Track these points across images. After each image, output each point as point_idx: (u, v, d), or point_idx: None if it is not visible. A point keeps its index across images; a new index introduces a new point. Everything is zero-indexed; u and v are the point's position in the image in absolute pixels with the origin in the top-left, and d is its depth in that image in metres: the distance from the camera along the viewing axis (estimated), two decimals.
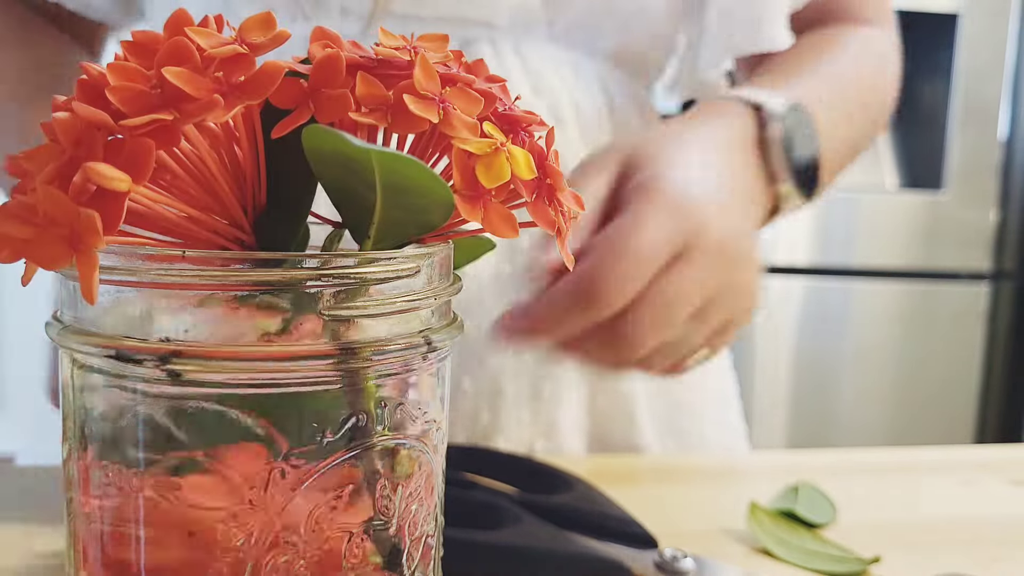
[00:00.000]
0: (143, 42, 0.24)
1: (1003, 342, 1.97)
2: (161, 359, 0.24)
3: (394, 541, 0.28)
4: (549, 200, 0.26)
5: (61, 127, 0.23)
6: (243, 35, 0.24)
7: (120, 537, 0.26)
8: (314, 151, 0.25)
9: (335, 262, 0.25)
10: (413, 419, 0.28)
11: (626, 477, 0.57)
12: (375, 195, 0.26)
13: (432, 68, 0.26)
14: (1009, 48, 1.86)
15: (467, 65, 0.28)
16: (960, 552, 0.47)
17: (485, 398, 0.60)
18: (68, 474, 0.28)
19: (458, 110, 0.25)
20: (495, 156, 0.25)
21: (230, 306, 0.25)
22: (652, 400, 0.66)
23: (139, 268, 0.24)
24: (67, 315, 0.27)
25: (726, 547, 0.45)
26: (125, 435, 0.26)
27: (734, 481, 0.57)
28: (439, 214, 0.26)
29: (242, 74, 0.24)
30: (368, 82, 0.25)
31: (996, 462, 0.62)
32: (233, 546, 0.25)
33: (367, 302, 0.26)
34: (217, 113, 0.23)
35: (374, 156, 0.24)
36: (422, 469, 0.29)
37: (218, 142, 0.26)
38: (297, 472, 0.25)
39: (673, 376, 0.50)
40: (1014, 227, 1.94)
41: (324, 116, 0.25)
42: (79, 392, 0.27)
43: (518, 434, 0.61)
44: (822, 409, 1.90)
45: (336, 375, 0.26)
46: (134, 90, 0.23)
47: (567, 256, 0.27)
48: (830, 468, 0.60)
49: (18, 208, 0.22)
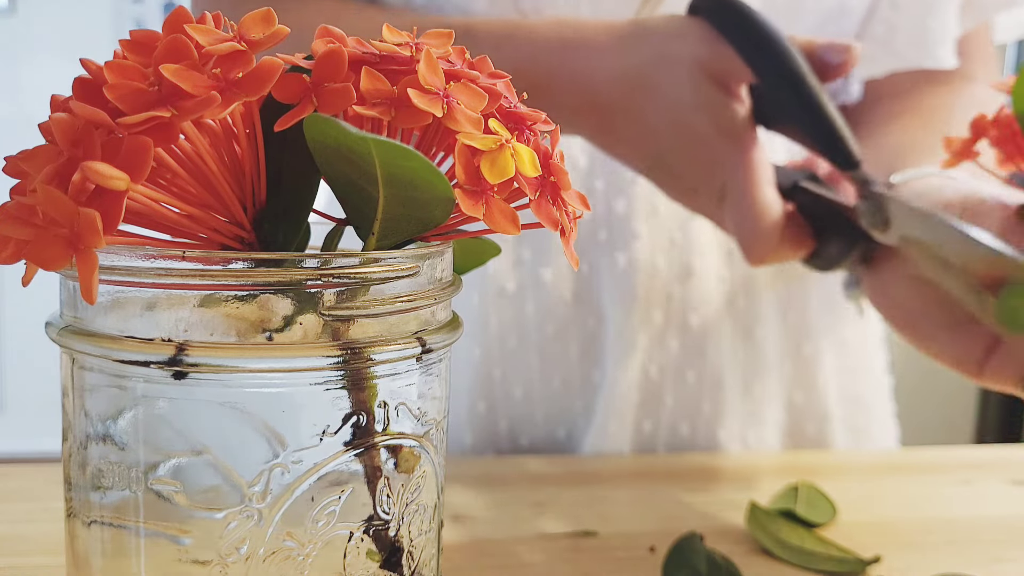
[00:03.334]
0: (142, 40, 0.24)
1: None
2: (162, 359, 0.24)
3: (394, 541, 0.28)
4: (553, 199, 0.26)
5: (59, 127, 0.23)
6: (242, 32, 0.24)
7: (120, 536, 0.26)
8: (316, 144, 0.25)
9: (336, 262, 0.25)
10: (414, 419, 0.28)
11: (628, 476, 0.57)
12: (377, 190, 0.26)
13: (436, 63, 0.25)
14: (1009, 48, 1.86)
15: (470, 62, 0.28)
16: (960, 552, 0.46)
17: (707, 389, 0.65)
18: (68, 474, 0.28)
19: (462, 105, 0.25)
20: (500, 152, 0.25)
21: (231, 305, 0.25)
22: (840, 397, 0.69)
23: (139, 268, 0.24)
24: (67, 315, 0.27)
25: (726, 547, 0.45)
26: (125, 435, 0.26)
27: (734, 481, 0.57)
28: (440, 209, 0.26)
29: (240, 70, 0.24)
30: (372, 76, 0.25)
31: (996, 462, 0.62)
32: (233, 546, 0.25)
33: (368, 301, 0.26)
34: (215, 109, 0.23)
35: (373, 145, 0.24)
36: (422, 469, 0.28)
37: (218, 140, 0.26)
38: (297, 472, 0.25)
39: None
40: None
41: (327, 109, 0.25)
42: (79, 392, 0.27)
43: (733, 424, 0.66)
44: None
45: (337, 375, 0.26)
46: (132, 88, 0.23)
47: (571, 257, 0.27)
48: (830, 468, 0.60)
49: (18, 209, 0.22)
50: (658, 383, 0.65)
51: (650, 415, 0.65)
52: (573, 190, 0.27)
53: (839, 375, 0.69)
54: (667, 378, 0.65)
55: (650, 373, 0.64)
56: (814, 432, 0.68)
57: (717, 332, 0.65)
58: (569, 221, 0.27)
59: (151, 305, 0.25)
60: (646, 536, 0.46)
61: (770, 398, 0.67)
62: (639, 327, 0.63)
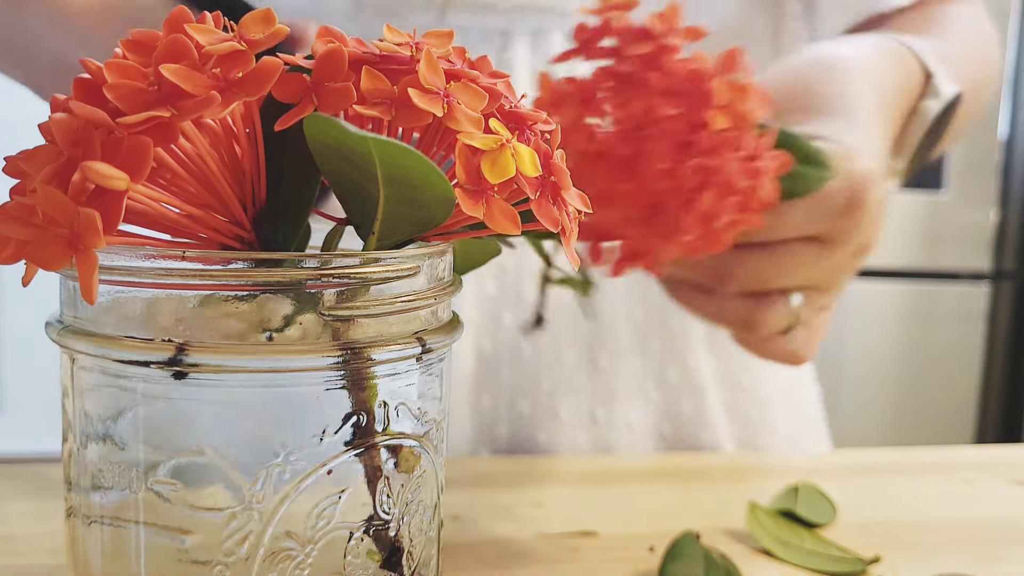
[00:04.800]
0: (142, 40, 0.24)
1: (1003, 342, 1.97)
2: (162, 359, 0.24)
3: (394, 541, 0.28)
4: (554, 199, 0.26)
5: (58, 127, 0.23)
6: (242, 32, 0.24)
7: (120, 536, 0.26)
8: (316, 143, 0.25)
9: (336, 262, 0.25)
10: (413, 419, 0.28)
11: (628, 476, 0.57)
12: (378, 190, 0.26)
13: (436, 63, 0.25)
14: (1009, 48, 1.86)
15: (471, 61, 0.28)
16: (960, 552, 0.46)
17: (545, 366, 0.62)
18: (68, 474, 0.28)
19: (463, 104, 0.25)
20: (500, 152, 0.25)
21: (231, 305, 0.25)
22: (720, 380, 0.66)
23: (139, 268, 0.24)
24: (67, 315, 0.27)
25: (726, 547, 0.45)
26: (125, 435, 0.26)
27: (734, 481, 0.57)
28: (440, 209, 0.26)
29: (240, 70, 0.24)
30: (373, 76, 0.25)
31: (996, 462, 0.62)
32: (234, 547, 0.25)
33: (368, 301, 0.26)
34: (214, 109, 0.23)
35: (372, 144, 0.24)
36: (422, 469, 0.28)
37: (218, 140, 0.26)
38: (297, 472, 0.25)
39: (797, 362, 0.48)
40: (1014, 227, 1.94)
41: (327, 109, 0.25)
42: (79, 392, 0.27)
43: (576, 401, 0.62)
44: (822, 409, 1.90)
45: (337, 375, 0.26)
46: (132, 87, 0.23)
47: (572, 257, 0.27)
48: (830, 468, 0.60)
49: (17, 209, 0.22)
50: (493, 358, 0.62)
51: (488, 390, 0.62)
52: (574, 190, 0.27)
53: (710, 351, 0.66)
54: (503, 353, 0.62)
55: (484, 348, 0.62)
56: (692, 412, 0.65)
57: (554, 306, 0.61)
58: (569, 221, 0.27)
59: (151, 305, 0.25)
60: (646, 536, 0.46)
61: (632, 374, 0.64)
62: (472, 301, 0.61)
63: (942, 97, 0.52)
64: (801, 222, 0.42)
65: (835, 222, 0.43)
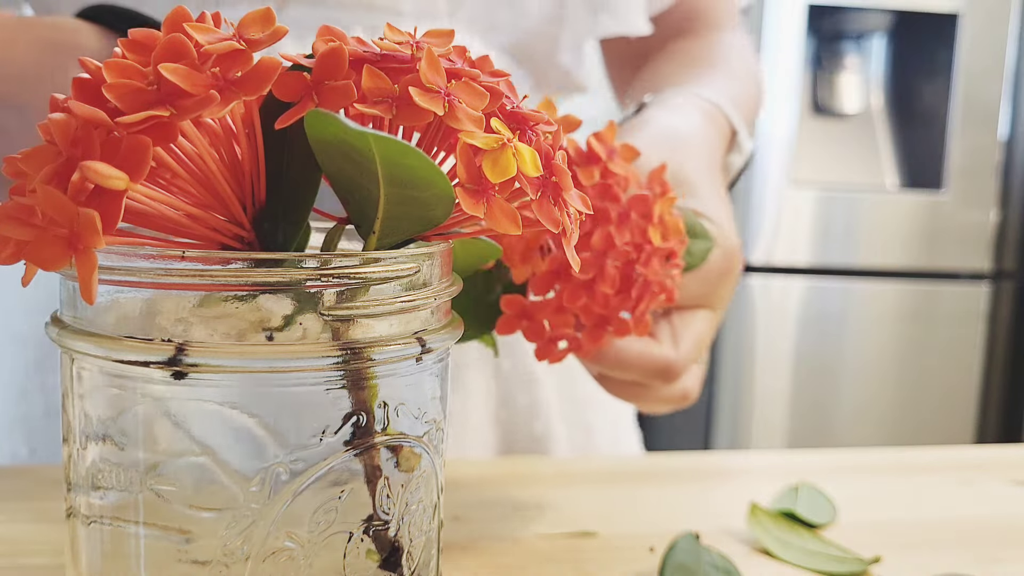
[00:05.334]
0: (141, 39, 0.24)
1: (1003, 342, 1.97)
2: (162, 359, 0.24)
3: (394, 541, 0.28)
4: (555, 199, 0.26)
5: (57, 127, 0.23)
6: (241, 31, 0.24)
7: (120, 537, 0.26)
8: (317, 140, 0.25)
9: (336, 262, 0.25)
10: (413, 419, 0.28)
11: (628, 476, 0.57)
12: (378, 189, 0.25)
13: (438, 62, 0.25)
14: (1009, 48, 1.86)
15: (471, 61, 0.28)
16: (960, 552, 0.46)
17: None
18: (68, 474, 0.28)
19: (463, 104, 0.25)
20: (502, 152, 0.25)
21: (230, 305, 0.25)
22: (555, 383, 0.66)
23: (139, 268, 0.24)
24: (67, 315, 0.27)
25: (726, 547, 0.45)
26: (125, 435, 0.26)
27: (734, 481, 0.57)
28: (441, 208, 0.26)
29: (239, 70, 0.24)
30: (374, 75, 0.25)
31: (996, 462, 0.62)
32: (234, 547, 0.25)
33: (368, 302, 0.26)
34: (214, 108, 0.22)
35: (373, 141, 0.24)
36: (422, 469, 0.28)
37: (217, 140, 0.26)
38: (297, 472, 0.25)
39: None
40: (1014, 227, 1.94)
41: (327, 107, 0.25)
42: (79, 392, 0.27)
43: None
44: (822, 409, 1.90)
45: (337, 375, 0.26)
46: (131, 87, 0.23)
47: (573, 258, 0.27)
48: (830, 468, 0.60)
49: (17, 209, 0.22)
50: None
51: None
52: (574, 190, 0.27)
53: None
54: None
55: None
56: (527, 402, 0.65)
57: None
58: (570, 222, 0.27)
59: (151, 305, 0.25)
60: (646, 536, 0.46)
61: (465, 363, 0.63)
62: None
63: (744, 153, 0.58)
64: (695, 293, 0.46)
65: (716, 289, 0.47)
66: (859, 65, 1.93)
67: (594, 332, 0.41)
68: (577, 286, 0.39)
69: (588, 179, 0.39)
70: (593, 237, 0.39)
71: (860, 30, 1.93)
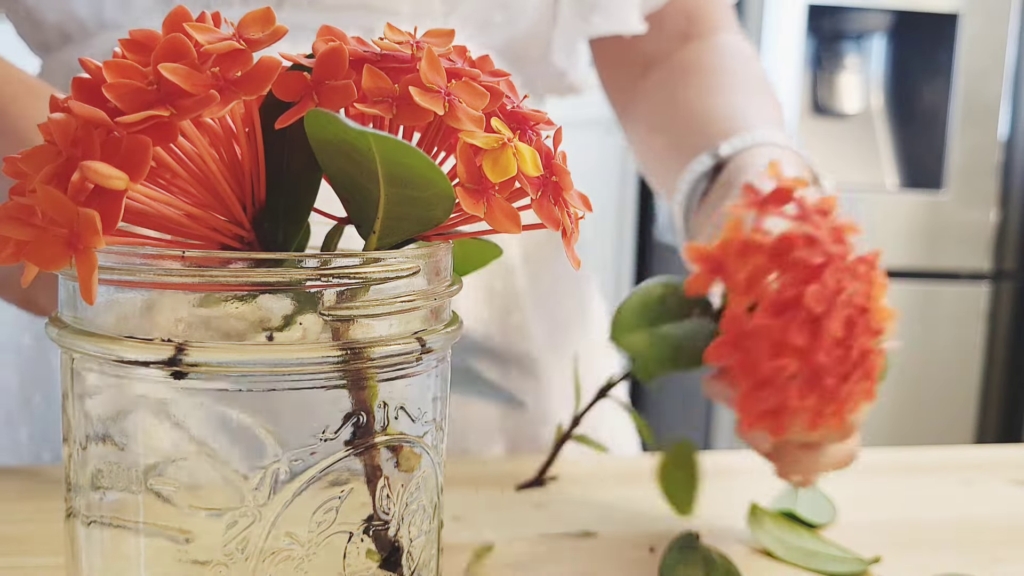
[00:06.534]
0: (140, 39, 0.24)
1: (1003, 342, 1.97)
2: (162, 359, 0.24)
3: (394, 541, 0.28)
4: (555, 199, 0.26)
5: (57, 128, 0.22)
6: (241, 31, 0.24)
7: (120, 537, 0.26)
8: (317, 140, 0.25)
9: (336, 261, 0.25)
10: (413, 419, 0.28)
11: (628, 476, 0.57)
12: (379, 188, 0.25)
13: (438, 62, 0.25)
14: (1009, 48, 1.86)
15: (472, 60, 0.28)
16: (960, 552, 0.46)
17: None
18: (68, 474, 0.28)
19: (464, 103, 0.25)
20: (502, 151, 0.25)
21: (230, 305, 0.25)
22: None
23: (139, 268, 0.24)
24: (67, 315, 0.27)
25: (726, 547, 0.45)
26: (125, 435, 0.26)
27: (734, 481, 0.57)
28: (441, 208, 0.26)
29: (239, 69, 0.23)
30: (374, 74, 0.25)
31: (996, 462, 0.62)
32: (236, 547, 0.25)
33: (368, 301, 0.26)
34: (213, 108, 0.22)
35: (373, 140, 0.24)
36: (422, 469, 0.28)
37: (217, 140, 0.26)
38: (297, 472, 0.25)
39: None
40: (1014, 227, 1.94)
41: (327, 107, 0.25)
42: (79, 392, 0.27)
43: None
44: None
45: (337, 374, 0.26)
46: (131, 87, 0.23)
47: (573, 258, 0.27)
48: None
49: (17, 209, 0.22)
50: None
51: None
52: (575, 190, 0.27)
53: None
54: None
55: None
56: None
57: None
58: (571, 221, 0.27)
59: (151, 305, 0.25)
60: (646, 536, 0.46)
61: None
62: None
63: (824, 192, 0.56)
64: None
65: None
66: (859, 65, 1.93)
67: (804, 393, 0.40)
68: (802, 323, 0.39)
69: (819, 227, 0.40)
70: (825, 273, 0.39)
71: (860, 30, 1.93)
